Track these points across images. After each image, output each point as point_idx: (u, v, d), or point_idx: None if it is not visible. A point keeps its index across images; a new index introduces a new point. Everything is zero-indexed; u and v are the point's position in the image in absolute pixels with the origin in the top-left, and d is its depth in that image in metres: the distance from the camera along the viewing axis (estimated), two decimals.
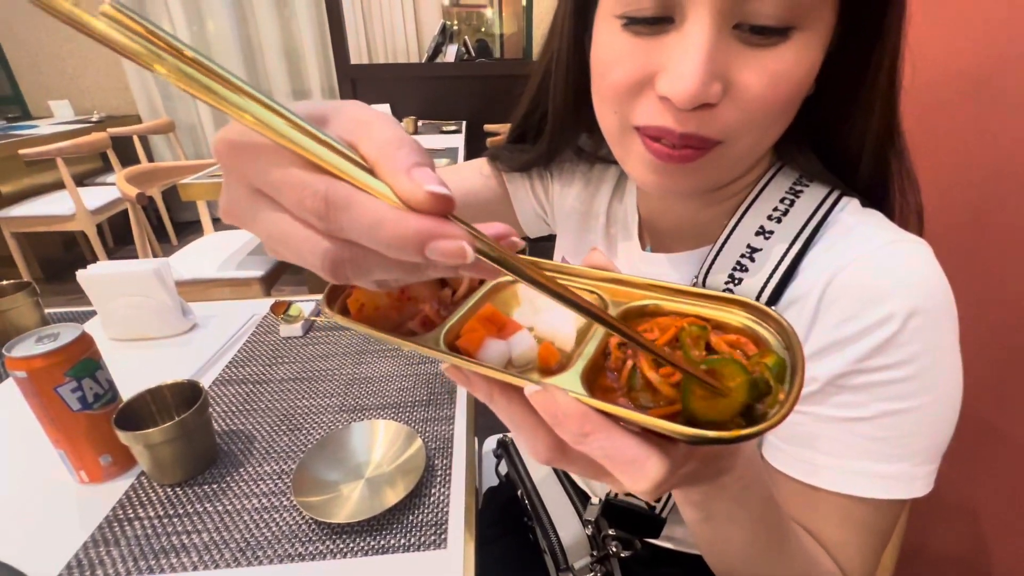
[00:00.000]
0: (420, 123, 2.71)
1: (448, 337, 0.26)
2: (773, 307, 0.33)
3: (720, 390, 0.23)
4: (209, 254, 1.91)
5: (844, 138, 0.38)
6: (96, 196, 2.69)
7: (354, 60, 3.03)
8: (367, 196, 0.18)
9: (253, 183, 0.19)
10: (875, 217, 0.38)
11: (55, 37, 3.20)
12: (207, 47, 3.24)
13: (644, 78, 0.33)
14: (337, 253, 0.19)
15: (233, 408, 0.65)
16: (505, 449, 0.77)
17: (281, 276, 1.96)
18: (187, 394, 0.56)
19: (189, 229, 3.53)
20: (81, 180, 2.96)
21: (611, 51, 0.34)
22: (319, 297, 0.92)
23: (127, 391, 0.55)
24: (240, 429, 0.61)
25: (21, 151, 2.30)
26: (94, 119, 3.15)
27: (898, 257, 0.35)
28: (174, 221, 3.37)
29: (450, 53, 3.11)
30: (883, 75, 0.35)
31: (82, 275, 0.76)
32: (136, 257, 1.97)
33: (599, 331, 0.25)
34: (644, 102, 0.33)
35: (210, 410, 0.57)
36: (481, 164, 0.61)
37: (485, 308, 0.28)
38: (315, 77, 3.32)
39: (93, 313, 0.87)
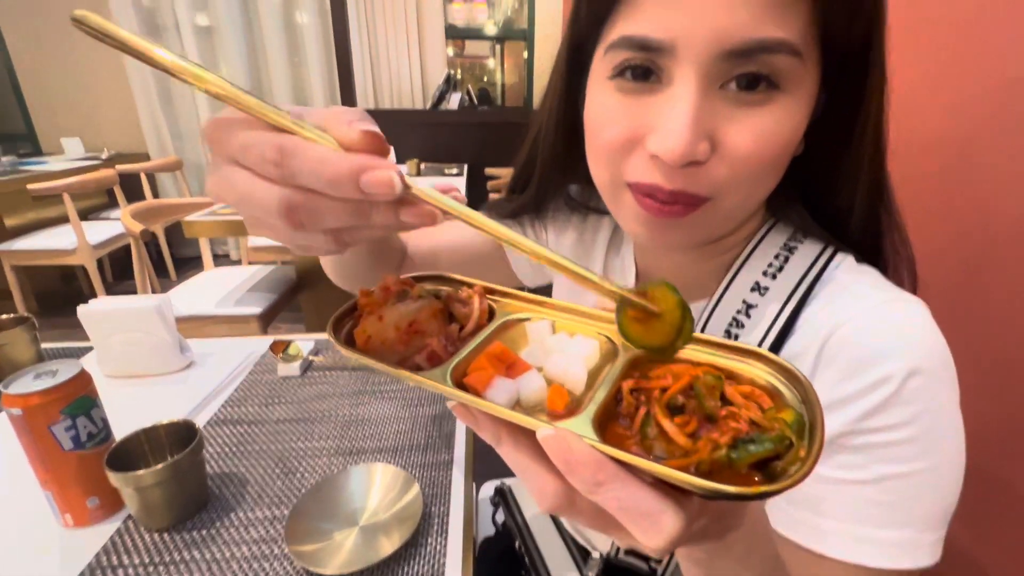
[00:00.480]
0: (423, 165, 2.78)
1: (455, 374, 0.25)
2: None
3: (653, 311, 0.25)
4: (207, 290, 1.91)
5: (834, 195, 0.39)
6: (98, 231, 2.72)
7: (361, 105, 3.13)
8: (313, 144, 0.22)
9: (228, 152, 0.23)
10: (870, 275, 0.39)
11: (71, 78, 3.31)
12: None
13: (635, 137, 0.34)
14: (291, 197, 0.23)
15: (227, 450, 0.63)
16: (503, 497, 0.75)
17: (279, 314, 1.95)
18: (182, 434, 0.55)
19: (189, 265, 3.54)
20: (85, 215, 3.00)
21: (603, 111, 0.36)
22: (318, 336, 0.91)
23: (120, 429, 0.54)
24: (233, 472, 0.60)
25: (29, 186, 2.34)
26: (104, 156, 3.21)
27: (895, 316, 0.35)
28: (174, 256, 3.39)
29: (453, 100, 3.23)
30: (868, 137, 0.36)
31: (83, 311, 0.76)
32: (135, 292, 1.97)
33: (611, 375, 0.25)
34: (635, 159, 0.35)
35: (204, 451, 0.56)
36: None
37: (494, 345, 0.27)
38: None
39: (90, 348, 0.86)
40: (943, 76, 0.61)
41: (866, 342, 0.34)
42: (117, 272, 3.34)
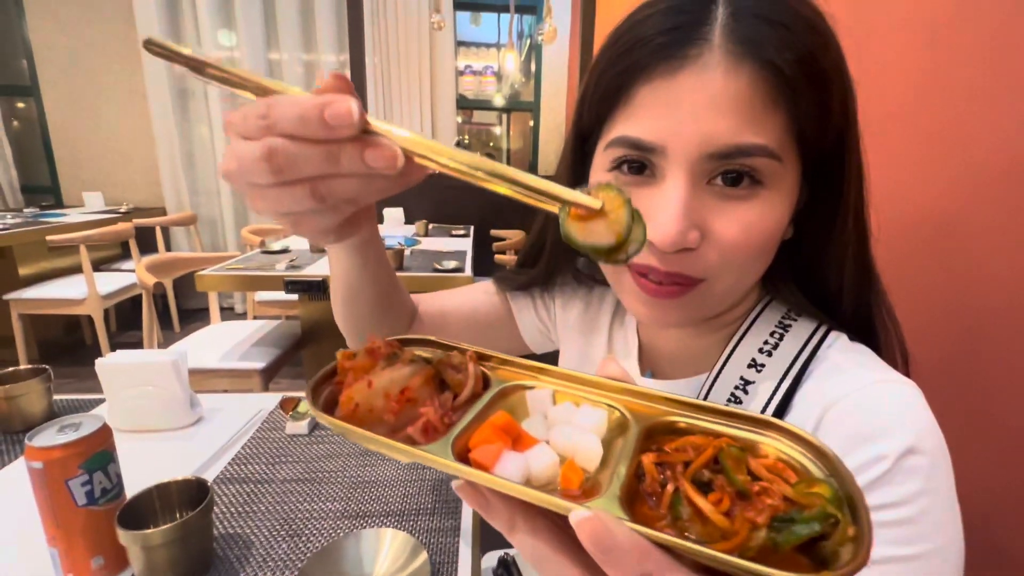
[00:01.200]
0: (431, 226, 2.87)
1: (456, 447, 0.23)
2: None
3: (596, 211, 0.25)
4: (212, 343, 1.92)
5: (824, 277, 0.42)
6: (108, 281, 2.77)
7: None
8: (292, 94, 0.26)
9: (237, 129, 0.27)
10: (863, 354, 0.40)
11: (99, 136, 3.49)
12: None
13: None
14: (270, 143, 0.25)
15: (233, 510, 0.63)
16: (507, 569, 0.73)
17: (281, 368, 1.95)
18: (192, 492, 0.55)
19: (194, 317, 3.57)
20: (98, 265, 3.05)
21: None
22: None
23: (129, 484, 0.55)
24: (239, 533, 0.59)
25: (48, 238, 2.41)
26: (122, 209, 3.32)
27: (888, 396, 0.36)
28: (180, 308, 3.42)
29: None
30: (850, 225, 0.39)
31: (101, 364, 0.77)
32: (139, 342, 1.98)
33: (626, 449, 0.23)
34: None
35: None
36: (486, 285, 0.65)
37: (499, 415, 0.24)
38: None
39: (101, 401, 0.86)
40: (926, 159, 0.66)
41: (860, 420, 0.35)
42: (120, 322, 3.35)
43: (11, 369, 0.80)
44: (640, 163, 0.37)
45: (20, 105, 3.54)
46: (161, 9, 3.20)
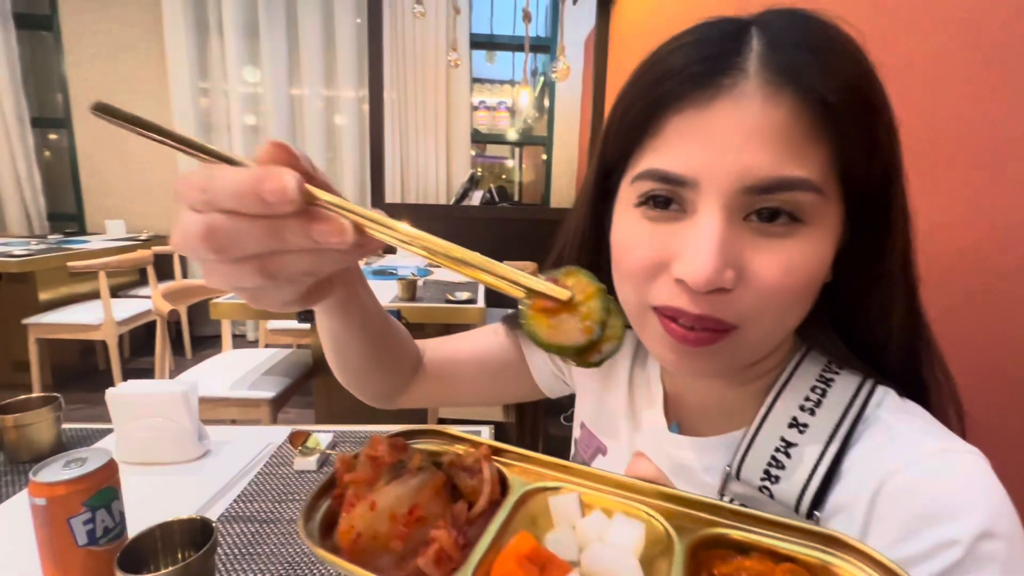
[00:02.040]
0: None
1: None
2: (816, 511, 0.33)
3: (559, 298, 0.22)
4: (223, 372, 1.91)
5: (868, 325, 0.38)
6: (124, 307, 2.80)
7: (389, 199, 3.33)
8: (232, 167, 0.24)
9: (183, 200, 0.25)
10: (917, 415, 0.37)
11: (125, 167, 3.61)
12: None
13: (661, 262, 0.35)
14: (210, 220, 0.23)
15: (236, 551, 0.61)
16: None
17: (290, 398, 1.94)
18: (196, 533, 0.53)
19: (206, 344, 3.59)
20: (116, 292, 3.10)
21: (630, 235, 0.37)
22: (337, 428, 0.90)
23: (131, 519, 0.53)
24: None
25: (69, 264, 2.46)
26: (142, 237, 3.40)
27: (954, 469, 0.32)
28: (193, 335, 3.44)
29: (475, 197, 3.42)
30: (897, 267, 0.37)
31: (111, 395, 0.77)
32: (151, 368, 1.98)
33: (676, 562, 0.20)
34: (661, 284, 0.35)
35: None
36: (496, 327, 0.63)
37: (521, 539, 0.21)
38: None
39: (109, 431, 0.85)
40: (969, 206, 0.65)
41: (924, 498, 0.31)
42: (134, 348, 3.38)
43: (23, 397, 0.79)
44: (668, 198, 0.35)
45: (52, 136, 3.68)
46: (191, 47, 3.35)
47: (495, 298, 2.78)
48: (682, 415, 0.47)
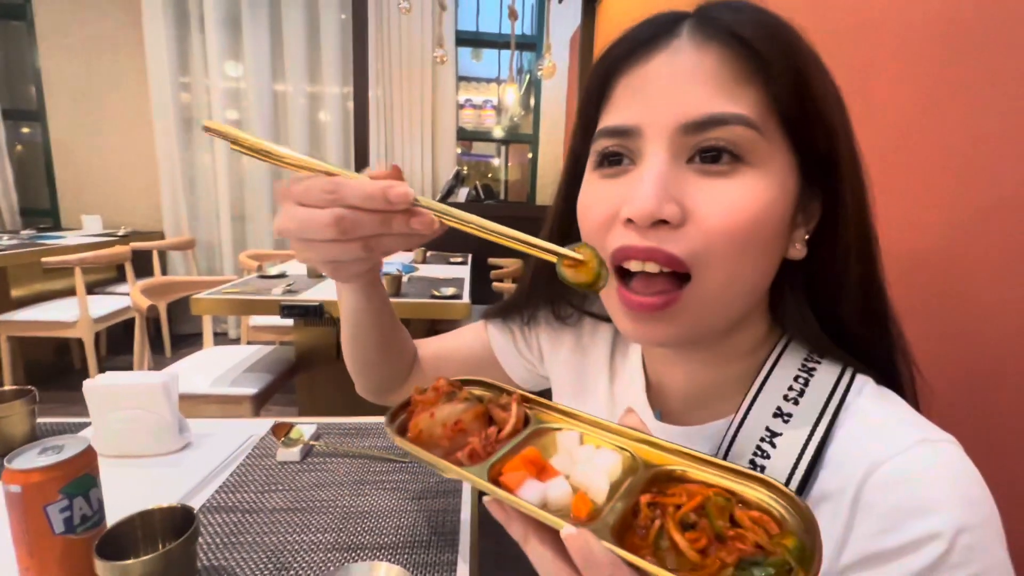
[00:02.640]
0: (429, 254, 2.87)
1: (492, 472, 0.28)
2: (800, 496, 0.33)
3: (579, 259, 0.34)
4: (204, 368, 1.89)
5: (834, 303, 0.39)
6: (101, 305, 2.74)
7: None
8: (356, 177, 0.35)
9: (294, 197, 0.35)
10: (896, 405, 0.38)
11: (102, 161, 3.52)
12: (240, 176, 3.56)
13: (614, 211, 0.37)
14: (340, 212, 0.34)
15: (218, 540, 0.60)
16: None
17: (274, 395, 1.91)
18: (177, 521, 0.52)
19: (186, 342, 3.53)
20: (92, 288, 3.03)
21: (589, 196, 0.40)
22: (320, 420, 0.90)
23: (111, 511, 0.52)
24: (223, 565, 0.56)
25: (44, 259, 2.40)
26: (120, 233, 3.32)
27: (933, 460, 0.33)
28: (172, 333, 3.38)
29: (461, 195, 3.42)
30: (850, 238, 0.37)
31: (88, 385, 0.75)
32: (129, 367, 1.95)
33: (631, 488, 0.28)
34: (615, 230, 0.37)
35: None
36: (477, 326, 0.66)
37: (529, 450, 0.30)
38: None
39: (86, 424, 0.84)
40: (932, 194, 0.67)
41: (907, 490, 0.32)
42: (111, 347, 3.30)
43: None
44: (619, 154, 0.38)
45: (25, 130, 3.58)
46: (171, 40, 3.29)
47: (479, 294, 2.78)
48: (664, 403, 0.48)
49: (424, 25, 3.39)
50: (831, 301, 0.39)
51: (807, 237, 0.39)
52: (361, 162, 3.09)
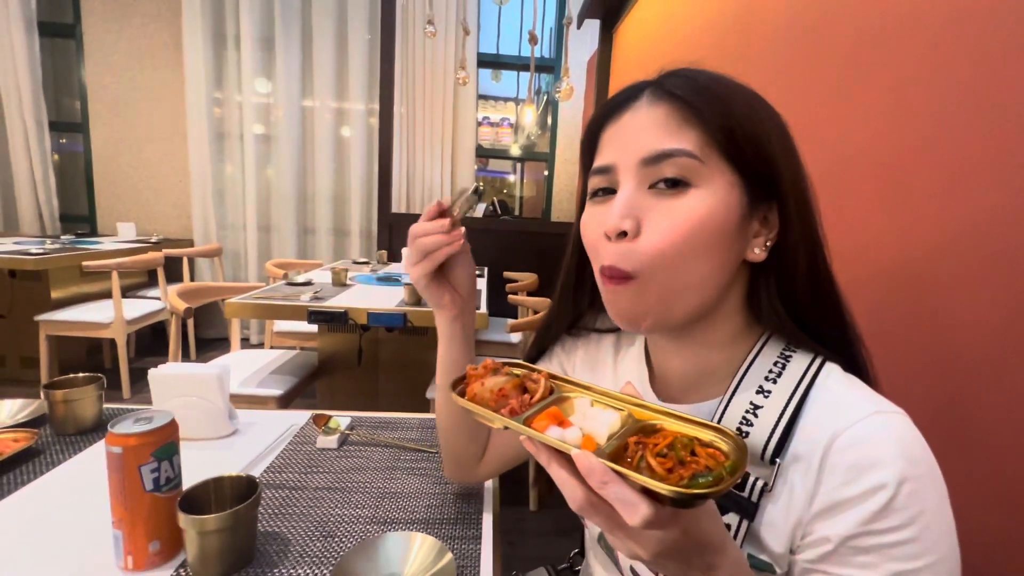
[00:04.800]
0: None
1: (525, 422, 0.39)
2: (777, 457, 0.43)
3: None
4: (232, 370, 1.98)
5: (794, 291, 0.47)
6: (132, 308, 2.87)
7: (394, 208, 3.43)
8: (423, 223, 0.59)
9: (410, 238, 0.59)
10: (858, 386, 0.46)
11: (138, 172, 3.71)
12: (267, 188, 3.71)
13: (599, 231, 0.47)
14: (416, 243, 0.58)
15: (271, 511, 0.68)
16: None
17: (296, 397, 2.00)
18: (242, 488, 0.60)
19: (210, 346, 3.65)
20: (124, 292, 3.17)
21: (586, 218, 0.51)
22: (355, 414, 0.98)
23: None
24: (276, 532, 0.64)
25: (84, 263, 2.53)
26: (152, 240, 3.48)
27: (882, 427, 0.41)
28: (197, 337, 3.50)
29: (479, 210, 3.52)
30: (796, 230, 0.45)
31: (153, 373, 0.84)
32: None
33: (623, 435, 0.37)
34: (601, 246, 0.48)
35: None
36: None
37: (552, 409, 0.40)
38: (356, 220, 3.73)
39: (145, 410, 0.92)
40: (892, 209, 0.74)
41: (861, 451, 0.40)
42: (139, 348, 3.44)
43: (69, 376, 0.87)
44: (606, 188, 0.49)
45: (63, 140, 3.78)
46: (208, 58, 3.48)
47: (496, 306, 2.85)
48: (667, 388, 0.56)
49: (448, 48, 3.54)
50: (790, 293, 0.48)
51: (769, 244, 0.47)
52: (384, 174, 3.22)
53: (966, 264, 0.65)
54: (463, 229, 0.59)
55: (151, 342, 3.60)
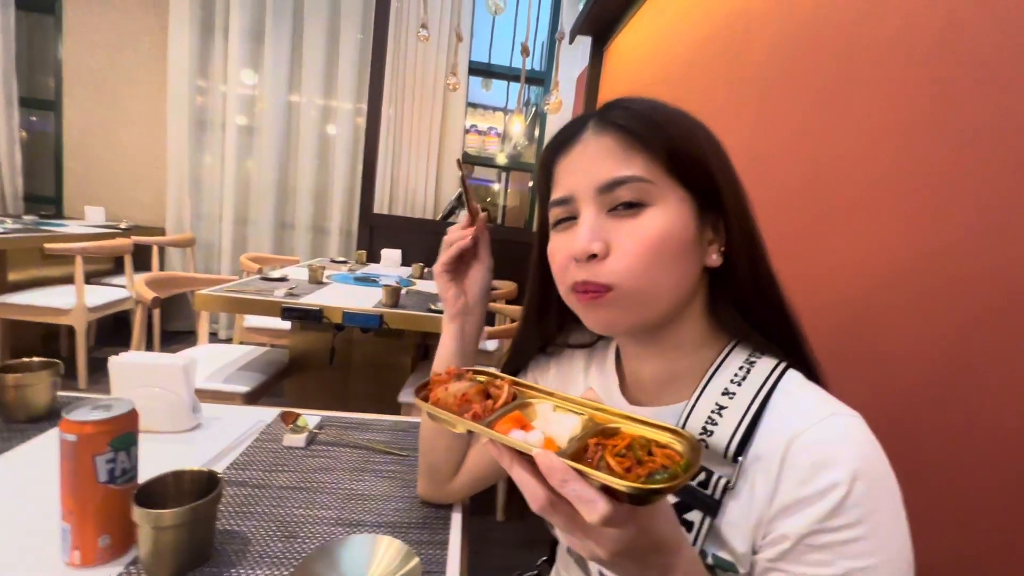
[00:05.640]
0: (426, 270, 2.95)
1: (490, 426, 0.39)
2: (739, 456, 0.45)
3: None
4: (200, 364, 1.92)
5: (741, 289, 0.50)
6: (96, 295, 2.76)
7: (377, 209, 3.40)
8: (456, 228, 0.69)
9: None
10: (816, 390, 0.48)
11: (112, 155, 3.59)
12: (247, 181, 3.64)
13: (568, 256, 0.50)
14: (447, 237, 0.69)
15: (232, 509, 0.65)
16: None
17: (263, 396, 1.95)
18: (203, 484, 0.58)
19: (176, 339, 3.53)
20: (88, 279, 3.05)
21: (552, 246, 0.53)
22: (324, 413, 0.96)
23: None
24: (236, 530, 0.62)
25: (46, 245, 2.43)
26: (122, 226, 3.36)
27: (838, 429, 0.43)
28: (163, 330, 3.38)
29: (462, 216, 3.51)
30: (738, 234, 0.49)
31: (114, 361, 0.81)
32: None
33: (583, 437, 0.37)
34: (570, 270, 0.50)
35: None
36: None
37: (514, 414, 0.41)
38: (336, 218, 3.67)
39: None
40: (842, 242, 0.76)
41: (817, 452, 0.42)
42: (99, 338, 3.30)
43: (23, 360, 0.82)
44: (568, 217, 0.51)
45: (33, 118, 3.64)
46: (194, 46, 3.40)
47: None
48: (639, 392, 0.58)
49: (440, 53, 3.55)
50: (740, 293, 0.51)
51: (722, 249, 0.51)
52: (369, 174, 3.19)
53: (907, 296, 0.67)
54: (482, 218, 0.70)
55: (112, 332, 3.47)
